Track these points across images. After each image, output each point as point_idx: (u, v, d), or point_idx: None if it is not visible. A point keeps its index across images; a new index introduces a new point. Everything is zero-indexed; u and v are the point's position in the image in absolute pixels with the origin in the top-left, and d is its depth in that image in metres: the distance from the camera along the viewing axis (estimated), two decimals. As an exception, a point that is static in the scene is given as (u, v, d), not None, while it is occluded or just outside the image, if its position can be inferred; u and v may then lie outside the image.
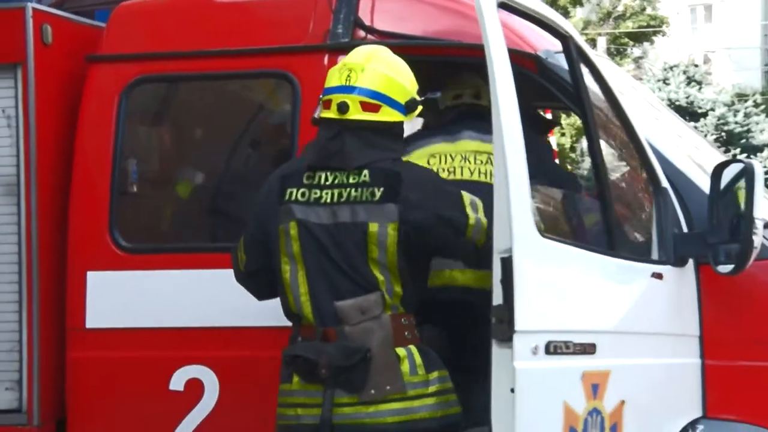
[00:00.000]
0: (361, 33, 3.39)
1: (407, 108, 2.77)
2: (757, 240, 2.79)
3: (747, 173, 2.83)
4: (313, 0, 3.48)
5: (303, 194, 2.71)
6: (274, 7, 3.64)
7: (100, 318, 3.45)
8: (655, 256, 3.05)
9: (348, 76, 2.70)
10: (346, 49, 3.31)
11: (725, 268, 2.90)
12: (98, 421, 3.48)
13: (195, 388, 3.35)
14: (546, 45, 3.29)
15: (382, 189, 2.64)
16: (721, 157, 3.78)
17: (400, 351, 2.65)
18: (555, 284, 2.66)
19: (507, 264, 2.43)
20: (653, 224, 3.10)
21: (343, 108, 2.66)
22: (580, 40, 3.02)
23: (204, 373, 3.34)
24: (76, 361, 3.48)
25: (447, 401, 2.73)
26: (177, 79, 3.69)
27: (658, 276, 2.97)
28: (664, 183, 3.07)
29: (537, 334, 2.56)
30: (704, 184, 3.07)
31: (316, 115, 2.78)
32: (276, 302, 3.01)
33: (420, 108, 2.83)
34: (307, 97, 3.33)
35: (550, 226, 2.97)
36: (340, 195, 2.67)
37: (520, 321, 2.44)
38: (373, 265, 2.64)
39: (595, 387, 2.76)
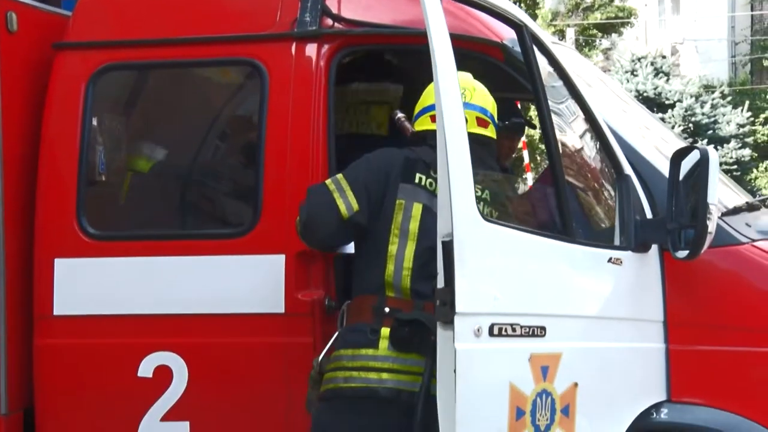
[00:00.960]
0: (329, 21, 3.39)
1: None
2: (712, 225, 2.85)
3: (702, 160, 2.89)
4: None
5: (430, 184, 2.90)
6: None
7: (67, 305, 3.43)
8: (617, 242, 3.10)
9: (463, 93, 2.80)
10: (313, 38, 3.37)
11: (682, 254, 2.97)
12: (66, 409, 3.47)
13: (163, 374, 3.34)
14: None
15: None
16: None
17: None
18: (499, 268, 2.70)
19: (448, 248, 2.48)
20: (615, 210, 3.16)
21: None
22: (536, 28, 3.06)
23: (172, 359, 3.34)
24: (44, 348, 3.46)
25: None
26: (144, 67, 3.67)
27: (617, 261, 3.02)
28: (627, 170, 3.13)
29: (479, 316, 2.60)
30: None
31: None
32: (246, 290, 3.07)
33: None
34: (275, 85, 3.36)
35: (501, 212, 3.06)
36: None
37: (461, 303, 2.49)
38: None
39: (544, 369, 2.80)
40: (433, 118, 2.88)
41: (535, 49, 2.98)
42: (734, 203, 3.44)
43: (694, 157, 2.99)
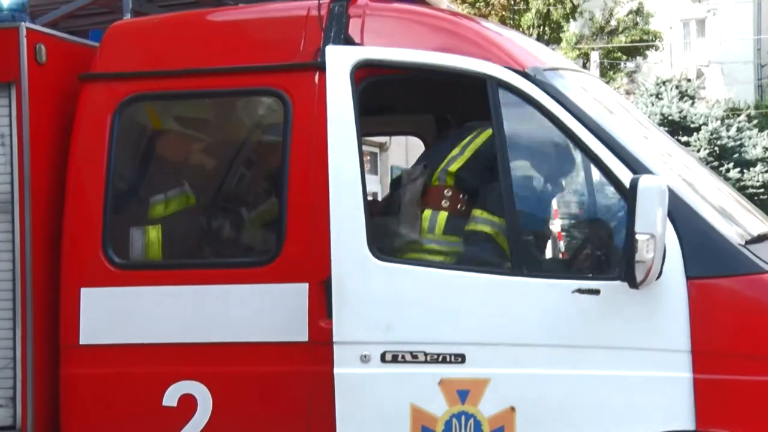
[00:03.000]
0: None
1: None
2: (645, 255, 2.89)
3: (630, 189, 2.91)
4: (303, 18, 3.52)
5: None
6: (266, 26, 3.71)
7: (93, 334, 3.49)
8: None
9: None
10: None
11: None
12: None
13: (188, 403, 3.39)
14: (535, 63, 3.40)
15: None
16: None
17: None
18: (393, 301, 3.16)
19: (327, 284, 3.16)
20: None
21: None
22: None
23: (197, 388, 3.38)
24: (70, 377, 3.53)
25: None
26: (170, 98, 3.73)
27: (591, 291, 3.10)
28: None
29: (365, 345, 3.13)
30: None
31: None
32: (270, 318, 3.14)
33: None
34: (299, 114, 3.39)
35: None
36: None
37: (339, 334, 3.11)
38: None
39: (462, 393, 3.16)
40: None
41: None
42: (759, 230, 3.41)
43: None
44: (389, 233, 3.33)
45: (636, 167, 3.14)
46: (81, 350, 3.51)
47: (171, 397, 3.40)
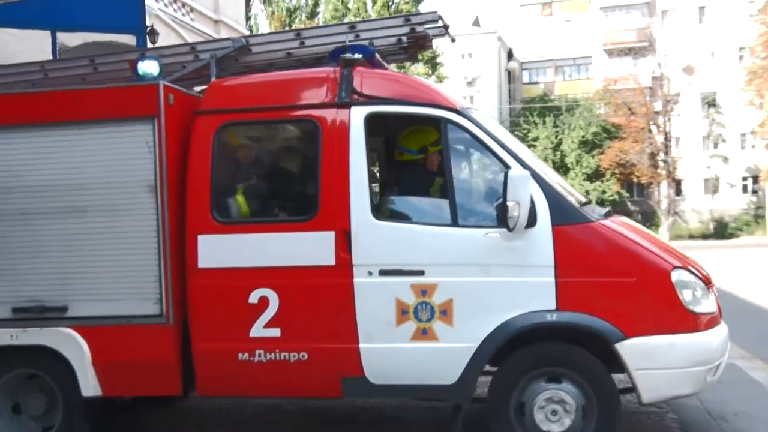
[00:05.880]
0: (355, 96, 5.35)
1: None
2: (511, 214, 4.86)
3: (504, 177, 4.86)
4: (326, 77, 5.45)
5: None
6: (304, 81, 5.61)
7: (206, 261, 5.34)
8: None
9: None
10: (346, 105, 5.32)
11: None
12: (206, 321, 5.38)
13: (264, 301, 5.24)
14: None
15: None
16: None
17: None
18: (386, 243, 5.09)
19: (348, 234, 4.99)
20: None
21: None
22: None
23: (269, 293, 5.24)
24: (193, 286, 5.39)
25: None
26: (248, 124, 5.64)
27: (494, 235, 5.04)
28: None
29: (371, 266, 5.07)
30: None
31: None
32: (311, 251, 5.14)
33: None
34: (325, 135, 5.31)
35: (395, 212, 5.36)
36: None
37: (356, 259, 5.04)
38: None
39: (423, 291, 5.09)
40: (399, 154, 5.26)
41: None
42: (582, 200, 5.42)
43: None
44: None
45: (522, 164, 5.13)
46: (199, 270, 5.33)
47: (253, 298, 5.23)
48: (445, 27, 6.13)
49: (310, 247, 5.24)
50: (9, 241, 5.63)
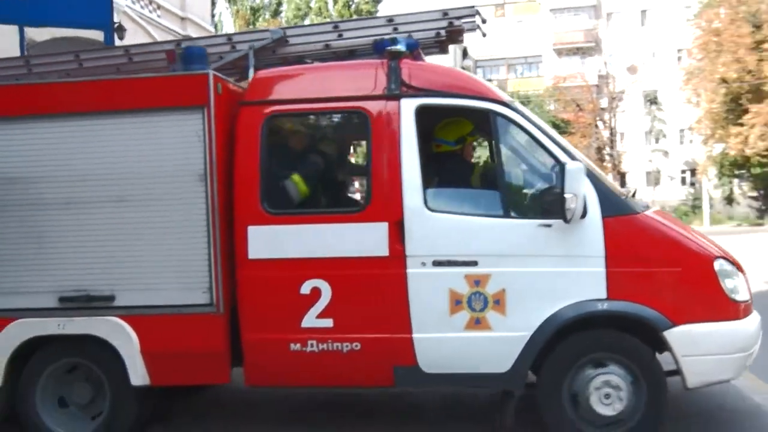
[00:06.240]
0: (404, 88, 5.36)
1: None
2: (568, 206, 4.91)
3: (560, 169, 4.97)
4: (375, 69, 5.43)
5: None
6: (354, 71, 5.59)
7: (256, 252, 5.30)
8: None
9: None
10: (396, 97, 5.32)
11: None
12: (257, 311, 5.34)
13: (316, 292, 5.22)
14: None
15: None
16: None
17: None
18: (439, 234, 5.11)
19: (401, 225, 5.03)
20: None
21: None
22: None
23: (322, 283, 5.22)
24: (243, 277, 5.35)
25: None
26: (296, 115, 5.58)
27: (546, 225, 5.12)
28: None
29: (424, 256, 5.09)
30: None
31: None
32: (365, 241, 5.11)
33: None
34: (375, 125, 5.30)
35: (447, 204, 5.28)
36: None
37: (410, 250, 5.09)
38: None
39: (477, 281, 5.12)
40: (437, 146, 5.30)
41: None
42: (627, 192, 5.56)
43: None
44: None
45: (571, 156, 5.23)
46: (249, 261, 5.29)
47: (305, 288, 5.21)
48: (483, 21, 6.19)
49: (364, 238, 5.24)
50: (55, 230, 5.50)
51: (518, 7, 57.34)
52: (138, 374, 5.44)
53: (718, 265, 5.20)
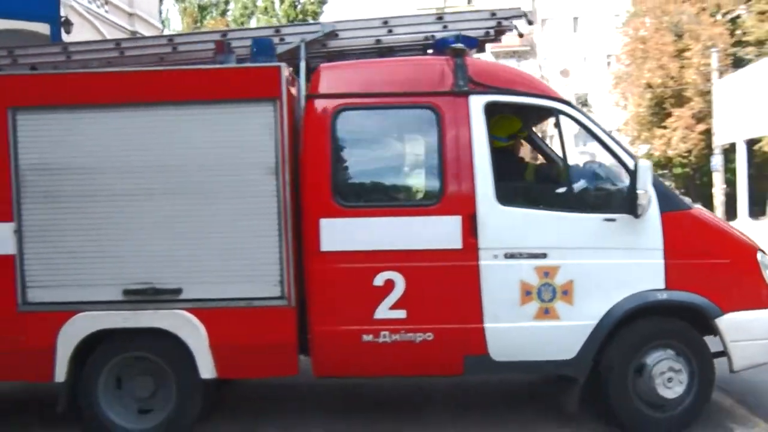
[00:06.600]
0: (471, 85, 5.46)
1: None
2: (640, 201, 5.19)
3: (635, 166, 5.24)
4: (441, 65, 5.51)
5: None
6: (421, 67, 5.64)
7: (329, 245, 5.30)
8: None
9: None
10: (464, 94, 5.41)
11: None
12: (329, 303, 5.34)
13: (389, 284, 5.27)
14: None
15: None
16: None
17: None
18: (511, 228, 5.24)
19: (474, 219, 5.12)
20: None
21: None
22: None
23: (395, 275, 5.28)
24: (315, 270, 5.34)
25: None
26: (366, 109, 5.53)
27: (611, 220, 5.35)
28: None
29: (496, 249, 5.22)
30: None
31: None
32: (438, 234, 5.20)
33: None
34: (446, 123, 5.39)
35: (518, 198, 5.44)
36: None
37: (483, 243, 5.18)
38: None
39: (546, 273, 5.30)
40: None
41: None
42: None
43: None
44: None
45: (629, 154, 5.46)
46: (321, 254, 5.29)
47: (378, 280, 5.25)
48: (530, 22, 6.32)
49: (437, 231, 5.31)
50: (121, 222, 5.37)
51: (457, 10, 58.26)
52: (207, 367, 5.36)
53: (760, 256, 5.57)
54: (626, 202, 5.28)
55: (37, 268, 5.40)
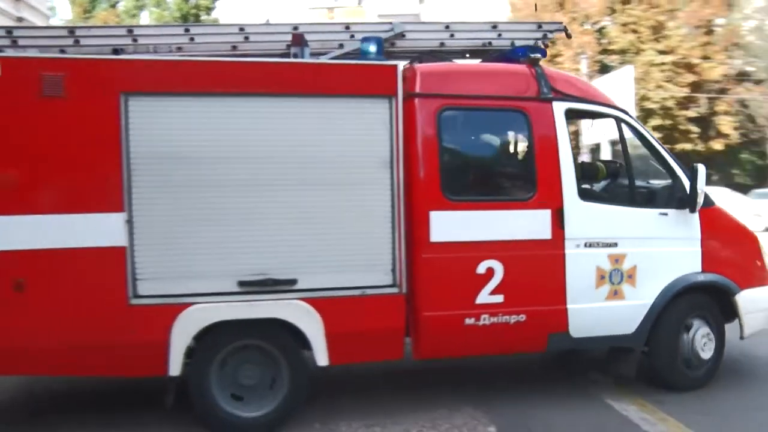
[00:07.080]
0: (554, 93, 6.03)
1: None
2: (700, 200, 6.18)
3: (695, 170, 6.20)
4: (526, 74, 6.03)
5: None
6: (510, 74, 6.06)
7: (438, 236, 5.62)
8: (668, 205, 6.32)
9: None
10: (549, 100, 5.95)
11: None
12: (437, 290, 5.65)
13: (490, 271, 5.71)
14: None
15: None
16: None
17: None
18: (590, 220, 5.95)
19: (561, 212, 5.72)
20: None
21: None
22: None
23: (495, 264, 5.72)
24: (424, 259, 5.63)
25: None
26: (465, 109, 5.87)
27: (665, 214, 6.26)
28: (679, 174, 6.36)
29: (579, 239, 5.88)
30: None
31: None
32: (531, 226, 5.75)
33: None
34: (536, 126, 5.92)
35: (594, 194, 6.27)
36: None
37: (568, 234, 5.81)
38: None
39: (617, 260, 6.10)
40: None
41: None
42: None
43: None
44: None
45: (675, 160, 6.33)
46: (431, 244, 5.59)
47: (481, 268, 5.66)
48: (569, 36, 6.95)
49: (531, 223, 5.86)
50: (235, 213, 5.29)
51: (347, 11, 59.55)
52: (322, 355, 5.46)
53: (761, 241, 6.70)
54: (684, 200, 6.17)
55: (148, 260, 5.18)
